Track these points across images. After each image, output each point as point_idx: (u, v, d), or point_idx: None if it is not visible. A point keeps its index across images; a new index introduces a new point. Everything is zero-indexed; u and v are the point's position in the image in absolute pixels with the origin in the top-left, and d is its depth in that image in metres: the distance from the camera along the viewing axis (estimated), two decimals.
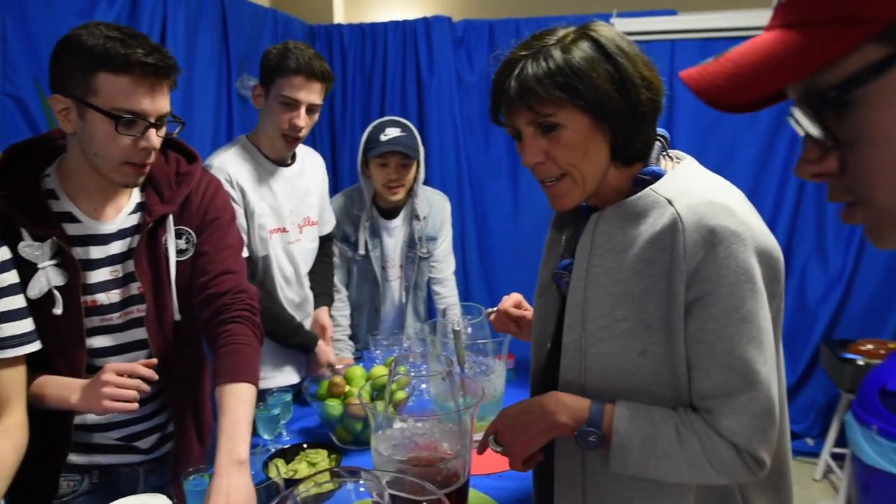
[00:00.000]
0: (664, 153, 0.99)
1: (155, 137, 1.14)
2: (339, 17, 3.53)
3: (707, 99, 0.49)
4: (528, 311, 1.37)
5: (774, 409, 0.86)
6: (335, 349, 2.02)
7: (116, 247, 1.22)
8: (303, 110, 1.67)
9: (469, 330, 1.58)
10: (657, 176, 0.94)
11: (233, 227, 1.36)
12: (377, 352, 1.86)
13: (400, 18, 3.18)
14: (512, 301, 1.37)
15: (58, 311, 1.14)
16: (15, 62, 1.75)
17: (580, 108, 0.90)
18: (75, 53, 1.06)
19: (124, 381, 1.11)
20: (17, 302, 1.10)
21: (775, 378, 0.88)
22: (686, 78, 0.51)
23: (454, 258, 2.21)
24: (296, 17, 3.17)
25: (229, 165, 1.70)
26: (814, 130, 0.47)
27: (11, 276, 1.09)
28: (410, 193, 2.05)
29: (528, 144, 0.96)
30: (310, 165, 1.92)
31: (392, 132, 1.93)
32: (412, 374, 1.37)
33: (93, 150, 1.12)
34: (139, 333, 1.26)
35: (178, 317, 1.27)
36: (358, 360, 2.02)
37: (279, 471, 1.14)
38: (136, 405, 1.12)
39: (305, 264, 1.90)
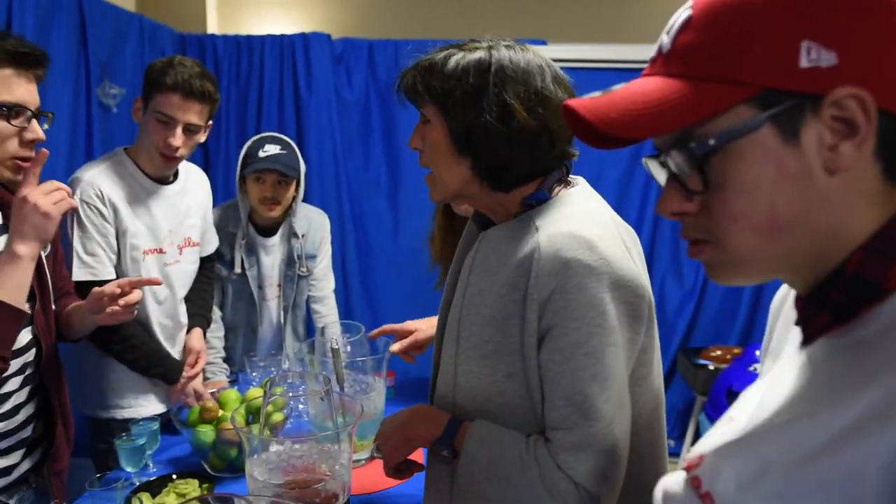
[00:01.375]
0: (561, 179, 0.98)
1: (39, 129, 1.12)
2: (213, 26, 3.40)
3: (599, 129, 0.51)
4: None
5: (616, 447, 0.86)
6: (208, 372, 1.92)
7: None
8: (179, 129, 1.57)
9: (348, 348, 1.56)
10: (542, 201, 0.95)
11: None
12: (254, 373, 1.79)
13: (277, 32, 3.12)
14: (408, 344, 1.43)
15: None
16: None
17: (438, 110, 0.92)
18: None
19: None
20: None
21: (621, 417, 0.88)
22: (578, 106, 0.52)
23: (333, 276, 2.18)
24: (164, 25, 3.01)
25: (101, 181, 1.59)
26: (686, 172, 0.51)
27: None
28: (288, 211, 2.01)
29: (415, 127, 0.99)
30: (193, 184, 1.81)
31: (271, 149, 1.88)
32: (289, 394, 1.33)
33: None
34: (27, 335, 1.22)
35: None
36: (233, 383, 1.93)
37: None
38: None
39: (183, 287, 1.79)
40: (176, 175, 1.75)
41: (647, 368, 0.96)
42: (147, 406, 1.72)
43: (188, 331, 1.79)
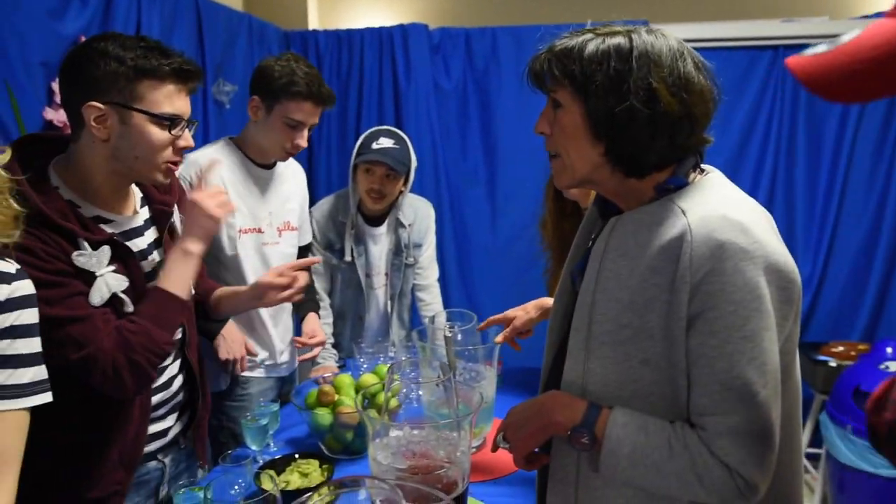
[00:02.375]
0: (695, 166, 0.97)
1: (189, 136, 1.21)
2: (314, 22, 3.50)
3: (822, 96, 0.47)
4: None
5: (772, 433, 0.85)
6: (319, 357, 1.99)
7: (147, 238, 1.28)
8: (306, 131, 1.72)
9: (459, 336, 1.57)
10: (680, 186, 0.94)
11: None
12: (361, 359, 1.84)
13: (376, 25, 3.17)
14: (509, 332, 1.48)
15: (129, 308, 1.18)
16: None
17: (576, 95, 0.91)
18: (111, 61, 1.08)
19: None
20: (34, 345, 0.92)
21: (777, 402, 0.86)
22: (796, 68, 0.49)
23: (437, 265, 2.21)
24: (270, 23, 3.13)
25: (205, 161, 1.68)
26: None
27: (31, 315, 0.91)
28: (395, 202, 2.04)
29: (542, 112, 0.98)
30: (291, 173, 1.91)
31: (385, 142, 1.93)
32: (408, 381, 1.35)
33: (133, 153, 1.15)
34: None
35: (192, 292, 1.35)
36: (341, 368, 2.00)
37: (275, 482, 1.11)
38: None
39: None
40: (275, 161, 1.86)
41: (790, 357, 0.93)
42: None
43: (302, 317, 1.86)
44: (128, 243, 1.21)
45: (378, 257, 2.07)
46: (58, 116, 1.80)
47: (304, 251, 1.99)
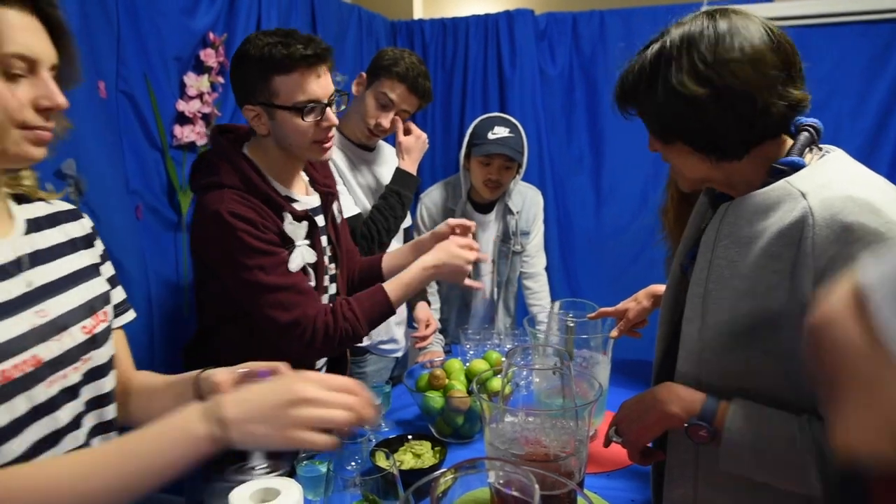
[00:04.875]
0: (812, 145, 0.93)
1: (333, 115, 1.29)
2: (419, 12, 3.54)
3: None
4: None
5: None
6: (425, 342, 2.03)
7: (320, 220, 1.39)
8: (392, 113, 1.76)
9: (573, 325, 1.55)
10: (796, 167, 0.89)
11: None
12: (467, 346, 1.85)
13: (481, 12, 3.16)
14: (623, 326, 1.47)
15: (311, 283, 1.32)
16: (128, 60, 1.82)
17: (639, 114, 0.98)
18: (251, 66, 1.17)
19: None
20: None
21: None
22: None
23: (545, 254, 2.18)
24: (378, 14, 3.19)
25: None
26: None
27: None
28: (504, 191, 2.04)
29: None
30: (388, 156, 1.95)
31: (500, 131, 1.93)
32: (521, 367, 1.34)
33: (287, 141, 1.26)
34: (331, 289, 1.45)
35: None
36: (447, 353, 2.02)
37: (394, 461, 1.14)
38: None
39: None
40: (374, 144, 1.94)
41: None
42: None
43: (413, 305, 1.90)
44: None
45: (486, 244, 2.08)
46: (188, 108, 1.92)
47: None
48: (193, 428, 0.74)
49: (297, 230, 1.29)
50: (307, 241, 1.32)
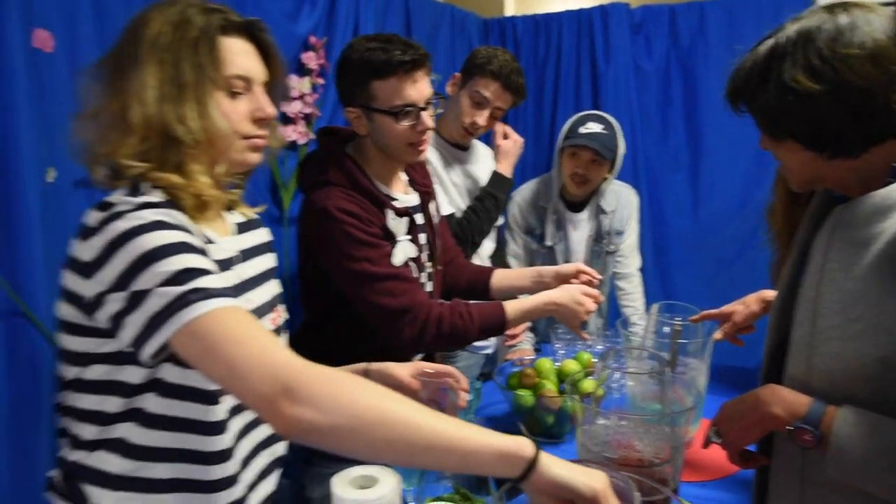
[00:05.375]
0: None
1: (428, 119, 1.33)
2: (511, 9, 3.53)
3: None
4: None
5: None
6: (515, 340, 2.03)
7: (418, 218, 1.44)
8: (487, 112, 1.77)
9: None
10: None
11: None
12: (557, 345, 1.83)
13: (574, 7, 3.11)
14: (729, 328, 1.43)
15: (414, 275, 1.38)
16: None
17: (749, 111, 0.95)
18: (352, 70, 1.23)
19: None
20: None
21: None
22: None
23: (640, 254, 2.13)
24: (470, 12, 3.21)
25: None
26: None
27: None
28: (597, 189, 2.01)
29: None
30: (482, 155, 1.97)
31: (593, 126, 1.91)
32: (616, 369, 1.33)
33: (384, 143, 1.30)
34: (428, 286, 1.51)
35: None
36: (537, 352, 2.02)
37: None
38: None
39: None
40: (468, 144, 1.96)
41: None
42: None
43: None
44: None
45: (578, 243, 2.05)
46: (290, 109, 2.02)
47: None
48: (524, 452, 0.76)
49: (398, 226, 1.35)
50: (408, 237, 1.37)
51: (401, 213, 1.37)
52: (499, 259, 2.05)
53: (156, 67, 0.85)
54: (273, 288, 1.09)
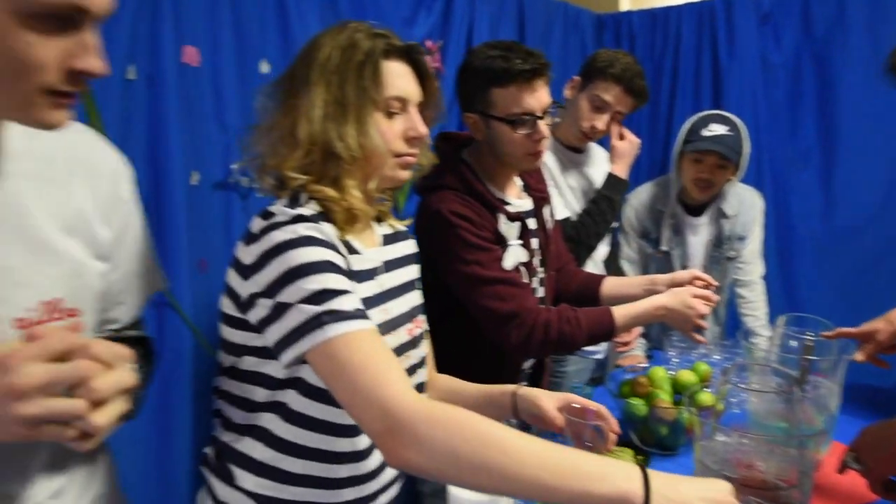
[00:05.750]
0: None
1: (545, 128, 1.33)
2: (626, 4, 3.44)
3: None
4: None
5: None
6: None
7: (531, 223, 1.46)
8: (607, 116, 1.75)
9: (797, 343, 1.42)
10: None
11: None
12: (671, 352, 1.77)
13: (695, 0, 2.98)
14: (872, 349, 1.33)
15: (525, 280, 1.41)
16: None
17: None
18: (472, 76, 1.27)
19: None
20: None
21: None
22: None
23: (762, 260, 2.01)
24: (584, 9, 3.16)
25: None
26: None
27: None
28: (719, 192, 1.93)
29: None
30: (597, 157, 1.93)
31: (717, 128, 1.83)
32: (739, 384, 1.27)
33: (500, 149, 1.30)
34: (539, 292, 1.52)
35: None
36: (649, 359, 1.96)
37: None
38: None
39: None
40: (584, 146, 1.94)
41: None
42: None
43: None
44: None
45: (696, 248, 1.98)
46: None
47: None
48: (632, 491, 0.72)
49: (510, 230, 1.36)
50: (519, 242, 1.37)
51: (513, 217, 1.38)
52: (613, 263, 2.01)
53: (323, 88, 0.92)
54: (413, 298, 1.13)
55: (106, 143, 0.87)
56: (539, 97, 1.31)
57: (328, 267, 0.86)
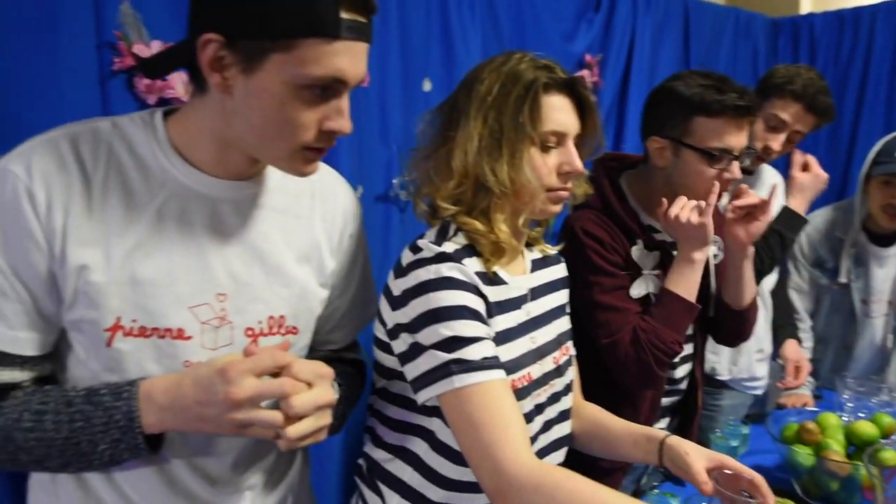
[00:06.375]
0: None
1: (737, 170, 1.26)
2: (807, 6, 3.15)
3: None
4: None
5: None
6: None
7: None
8: (784, 135, 1.62)
9: None
10: None
11: None
12: (845, 396, 1.60)
13: None
14: None
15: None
16: None
17: None
18: (674, 101, 1.22)
19: None
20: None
21: None
22: None
23: None
24: (757, 13, 2.94)
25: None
26: None
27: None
28: None
29: None
30: (767, 178, 1.79)
31: None
32: None
33: (680, 181, 1.28)
34: None
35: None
36: (817, 399, 1.79)
37: None
38: None
39: None
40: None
41: None
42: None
43: (780, 341, 1.74)
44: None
45: (882, 282, 1.77)
46: None
47: None
48: None
49: (645, 258, 1.30)
50: (655, 272, 1.31)
51: (652, 246, 1.31)
52: (781, 292, 1.85)
53: (481, 121, 0.93)
54: (561, 325, 1.11)
55: (343, 182, 0.98)
56: (742, 137, 1.24)
57: (463, 313, 0.88)
